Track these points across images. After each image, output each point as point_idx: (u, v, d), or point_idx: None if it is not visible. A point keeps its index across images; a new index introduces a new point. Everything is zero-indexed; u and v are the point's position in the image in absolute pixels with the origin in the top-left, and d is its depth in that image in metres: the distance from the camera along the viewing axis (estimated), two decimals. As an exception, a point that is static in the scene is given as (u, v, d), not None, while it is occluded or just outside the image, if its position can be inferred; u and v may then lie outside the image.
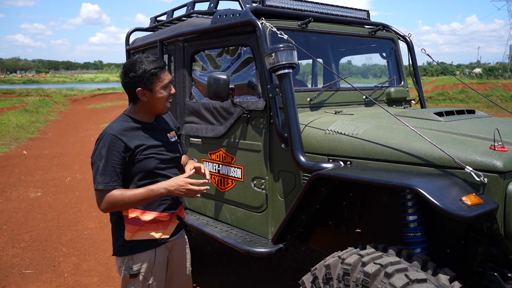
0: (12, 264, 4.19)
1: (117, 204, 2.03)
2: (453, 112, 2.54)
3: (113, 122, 2.15)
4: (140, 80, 2.05)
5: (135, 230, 2.13)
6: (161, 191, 2.05)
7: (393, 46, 3.58)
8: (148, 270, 2.16)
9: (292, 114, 2.41)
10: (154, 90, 2.08)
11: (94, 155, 2.06)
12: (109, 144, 2.02)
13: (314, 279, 2.04)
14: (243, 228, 3.02)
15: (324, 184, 2.27)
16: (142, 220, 2.13)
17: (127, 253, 2.14)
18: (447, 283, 1.72)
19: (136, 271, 2.13)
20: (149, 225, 2.15)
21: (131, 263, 2.14)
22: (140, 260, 2.14)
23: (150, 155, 2.12)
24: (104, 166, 2.01)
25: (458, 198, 1.73)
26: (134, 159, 2.08)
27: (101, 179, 2.00)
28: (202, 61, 3.31)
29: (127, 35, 4.31)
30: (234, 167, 3.01)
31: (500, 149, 1.89)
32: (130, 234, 2.12)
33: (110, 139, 2.03)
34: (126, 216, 2.12)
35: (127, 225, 2.13)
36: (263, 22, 2.64)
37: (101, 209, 2.04)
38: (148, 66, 2.05)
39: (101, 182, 2.00)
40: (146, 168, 2.11)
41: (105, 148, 2.02)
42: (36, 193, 6.80)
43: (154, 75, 2.05)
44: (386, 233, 2.38)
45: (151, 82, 2.06)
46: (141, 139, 2.11)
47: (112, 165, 2.01)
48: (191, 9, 3.53)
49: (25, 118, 16.68)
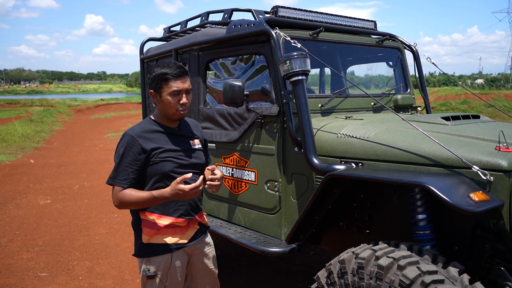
0: (28, 267, 4.29)
1: (125, 203, 2.10)
2: (459, 117, 2.66)
3: (137, 124, 2.24)
4: (151, 82, 2.15)
5: (152, 233, 2.18)
6: (165, 195, 2.04)
7: (399, 55, 3.72)
8: (164, 273, 2.20)
9: (305, 119, 2.53)
10: (162, 94, 2.13)
11: (115, 153, 2.19)
12: (126, 144, 2.11)
13: (329, 274, 2.13)
14: (256, 229, 3.12)
15: (336, 185, 2.38)
16: (159, 225, 2.18)
17: (145, 255, 2.21)
18: (457, 275, 1.82)
19: (153, 273, 2.18)
20: (166, 230, 2.19)
21: (148, 264, 2.20)
22: (156, 262, 2.19)
23: (167, 158, 2.16)
24: (118, 164, 2.11)
25: (466, 195, 1.84)
26: (150, 161, 2.13)
27: (112, 175, 2.12)
28: (216, 69, 3.45)
29: (141, 44, 4.47)
30: (247, 170, 3.13)
31: (504, 150, 2.00)
32: (147, 237, 2.18)
33: (128, 140, 2.12)
34: (144, 220, 2.19)
35: (144, 228, 2.19)
36: (277, 32, 2.77)
37: (114, 205, 2.15)
38: (160, 70, 2.11)
39: (111, 178, 2.12)
40: (161, 171, 2.15)
41: (123, 148, 2.12)
42: (46, 200, 6.90)
43: (162, 80, 2.10)
44: (396, 233, 2.47)
45: (159, 86, 2.12)
46: (159, 142, 2.16)
47: (125, 164, 2.10)
48: (205, 20, 3.68)
49: (30, 128, 16.83)
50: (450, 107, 27.51)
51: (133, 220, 2.28)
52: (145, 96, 4.55)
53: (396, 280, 1.80)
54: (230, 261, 4.43)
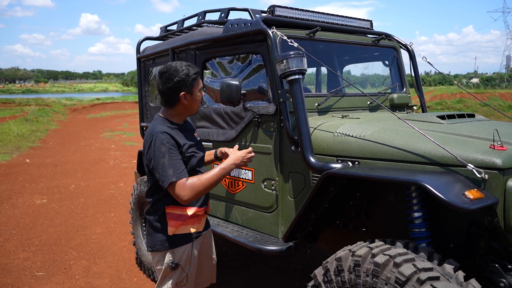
0: (24, 266, 4.28)
1: (199, 189, 2.14)
2: (454, 116, 2.68)
3: (156, 124, 2.24)
4: (184, 84, 2.20)
5: (178, 225, 2.27)
6: (231, 167, 2.27)
7: (395, 55, 3.74)
8: (186, 261, 2.31)
9: (302, 118, 2.55)
10: (194, 93, 2.25)
11: (155, 156, 2.13)
12: (164, 141, 2.14)
13: (325, 272, 2.15)
14: (253, 228, 3.13)
15: (333, 184, 2.39)
16: (184, 215, 2.28)
17: (170, 247, 2.27)
18: (452, 272, 1.84)
19: (177, 263, 2.28)
20: (190, 220, 2.31)
21: (172, 256, 2.28)
22: (180, 253, 2.28)
23: (192, 153, 2.29)
24: (169, 161, 2.11)
25: (461, 192, 1.86)
26: (183, 156, 2.22)
27: (172, 172, 2.10)
28: (213, 68, 3.46)
29: (138, 43, 4.46)
30: (244, 169, 3.14)
31: (499, 148, 2.02)
32: (174, 229, 2.26)
33: (163, 137, 2.14)
34: (169, 213, 2.27)
35: (170, 221, 2.27)
36: (274, 31, 2.79)
37: (185, 199, 2.12)
38: (190, 71, 2.21)
39: (173, 175, 2.10)
40: (191, 166, 2.27)
41: (163, 145, 2.12)
42: (42, 200, 6.89)
43: (195, 80, 2.23)
44: (391, 231, 2.49)
45: (192, 85, 2.22)
46: (183, 139, 2.26)
47: (174, 159, 2.13)
48: (202, 19, 3.68)
49: (25, 127, 16.77)
50: (446, 106, 27.65)
51: (154, 218, 2.31)
52: (142, 95, 4.54)
53: (392, 277, 1.82)
54: (227, 259, 4.44)
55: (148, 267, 3.97)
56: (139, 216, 4.18)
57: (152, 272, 3.90)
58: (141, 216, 4.16)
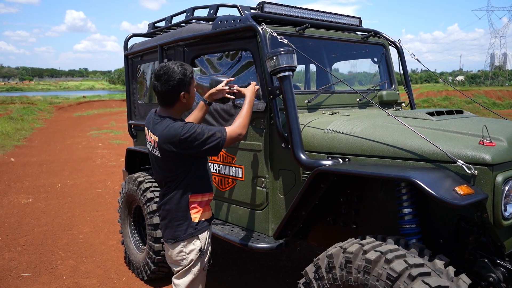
0: (10, 267, 4.21)
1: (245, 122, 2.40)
2: (443, 112, 2.69)
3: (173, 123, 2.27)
4: (183, 84, 2.28)
5: (200, 212, 2.39)
6: (253, 97, 2.58)
7: (384, 52, 3.75)
8: (208, 246, 2.45)
9: (292, 115, 2.53)
10: (191, 91, 2.35)
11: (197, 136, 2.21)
12: (195, 125, 2.25)
13: (317, 269, 2.15)
14: (243, 226, 3.12)
15: (324, 181, 2.39)
16: (204, 201, 2.42)
17: (195, 234, 2.37)
18: (443, 267, 1.85)
19: (203, 249, 2.39)
20: (207, 206, 2.45)
21: (197, 242, 2.38)
22: (203, 238, 2.41)
23: None
24: (208, 129, 2.25)
25: (451, 188, 1.87)
26: None
27: (218, 129, 2.28)
28: (202, 65, 3.43)
29: (125, 40, 4.40)
30: (234, 166, 3.12)
31: (488, 144, 2.04)
32: (197, 216, 2.38)
33: (190, 124, 2.25)
34: (191, 202, 2.36)
35: (193, 208, 2.37)
36: (263, 27, 2.77)
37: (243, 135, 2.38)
38: (187, 70, 2.29)
39: (221, 129, 2.29)
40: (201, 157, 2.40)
41: (195, 126, 2.23)
42: (27, 199, 6.78)
43: (191, 78, 2.33)
44: (382, 227, 2.51)
45: (190, 84, 2.32)
46: None
47: (207, 127, 2.28)
48: (190, 15, 3.64)
49: (10, 126, 16.49)
50: (432, 104, 27.97)
51: (175, 208, 2.36)
52: (130, 93, 4.49)
53: (384, 273, 1.82)
54: (217, 257, 4.42)
55: (137, 266, 3.92)
56: (127, 214, 4.13)
57: (140, 272, 3.85)
58: (130, 214, 4.11)
